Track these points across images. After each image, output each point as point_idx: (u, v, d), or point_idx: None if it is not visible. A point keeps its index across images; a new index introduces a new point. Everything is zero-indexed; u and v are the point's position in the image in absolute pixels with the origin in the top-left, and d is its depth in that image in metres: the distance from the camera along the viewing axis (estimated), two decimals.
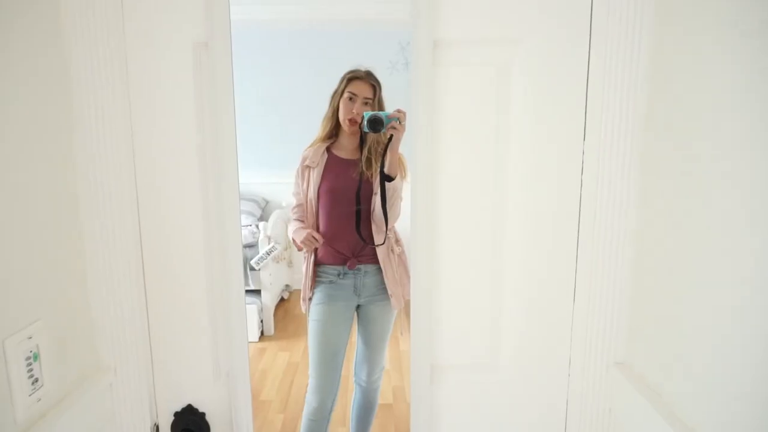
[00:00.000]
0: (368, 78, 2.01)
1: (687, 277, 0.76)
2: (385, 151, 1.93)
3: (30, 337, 0.76)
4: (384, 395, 3.11)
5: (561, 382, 0.99)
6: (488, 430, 1.03)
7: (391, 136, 1.88)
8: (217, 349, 0.98)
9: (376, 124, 1.87)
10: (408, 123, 1.88)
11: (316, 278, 2.07)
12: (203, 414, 0.99)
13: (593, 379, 0.96)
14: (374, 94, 2.01)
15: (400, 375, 3.41)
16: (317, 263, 2.07)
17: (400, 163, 2.03)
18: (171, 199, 0.93)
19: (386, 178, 1.95)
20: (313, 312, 2.06)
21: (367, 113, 1.89)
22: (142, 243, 0.94)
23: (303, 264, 2.10)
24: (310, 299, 2.07)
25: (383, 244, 2.03)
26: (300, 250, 2.08)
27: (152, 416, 0.99)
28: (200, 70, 0.87)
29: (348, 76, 2.02)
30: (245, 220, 4.23)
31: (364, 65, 2.04)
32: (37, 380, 0.77)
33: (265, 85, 4.71)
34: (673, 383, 0.80)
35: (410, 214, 0.93)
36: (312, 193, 2.04)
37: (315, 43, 4.65)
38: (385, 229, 2.02)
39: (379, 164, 1.97)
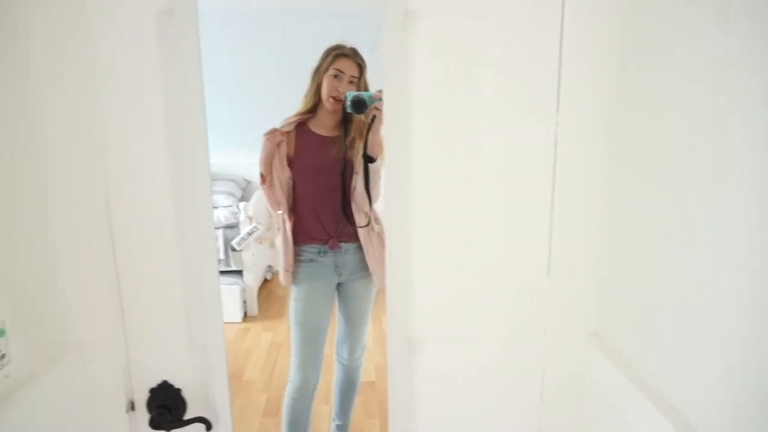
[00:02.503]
0: (355, 56, 1.97)
1: (661, 248, 0.77)
2: (367, 132, 1.91)
3: None
4: (367, 373, 3.14)
5: (536, 352, 1.00)
6: (466, 400, 1.04)
7: (374, 117, 1.87)
8: (192, 324, 0.97)
9: (359, 105, 1.85)
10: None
11: (296, 257, 2.06)
12: (179, 390, 0.98)
13: (568, 348, 0.98)
14: (360, 73, 1.97)
15: (382, 352, 3.43)
16: (296, 243, 2.05)
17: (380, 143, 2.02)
18: (140, 173, 0.91)
19: (368, 159, 1.94)
20: (294, 291, 2.06)
21: (351, 93, 1.87)
22: (111, 218, 0.92)
23: (277, 236, 2.08)
24: (294, 270, 2.06)
25: (367, 225, 2.03)
26: (266, 178, 2.01)
27: (127, 393, 0.98)
28: (165, 41, 0.85)
29: (334, 52, 1.96)
30: (226, 200, 4.19)
31: (348, 42, 2.00)
32: (3, 356, 0.75)
33: (245, 64, 4.63)
34: (644, 353, 0.82)
35: (384, 186, 0.93)
36: (279, 165, 1.99)
37: (293, 21, 4.57)
38: (367, 209, 2.01)
39: (361, 145, 1.95)
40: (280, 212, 2.06)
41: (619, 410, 0.86)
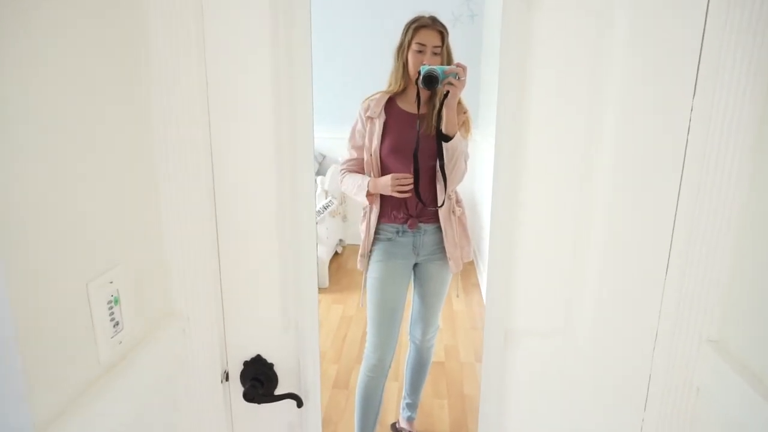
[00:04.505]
0: (435, 24, 1.87)
1: None
2: (439, 108, 1.81)
3: (111, 282, 0.76)
4: (437, 353, 3.12)
5: (645, 356, 0.93)
6: (560, 399, 0.99)
7: (447, 92, 1.77)
8: (287, 301, 0.97)
9: (431, 80, 1.74)
10: (473, 77, 1.78)
11: (375, 235, 2.04)
12: (272, 365, 1.00)
13: (682, 355, 0.90)
14: (443, 42, 1.87)
15: (452, 334, 3.41)
16: (377, 222, 2.02)
17: (465, 120, 1.94)
18: (245, 149, 0.90)
19: (443, 137, 1.86)
20: (371, 269, 2.04)
21: (423, 68, 1.77)
22: (215, 193, 0.92)
23: (362, 221, 2.07)
24: (369, 256, 2.05)
25: (441, 206, 1.97)
26: (371, 203, 2.00)
27: (222, 364, 1.00)
28: (277, 17, 0.83)
29: (413, 25, 1.88)
30: None
31: (427, 11, 1.92)
32: (117, 323, 0.78)
33: (322, 37, 4.63)
34: None
35: (493, 168, 0.88)
36: (375, 145, 1.95)
37: None
38: (441, 190, 1.95)
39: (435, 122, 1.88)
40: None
41: (740, 422, 0.78)
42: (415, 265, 2.10)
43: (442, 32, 1.88)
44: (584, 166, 0.87)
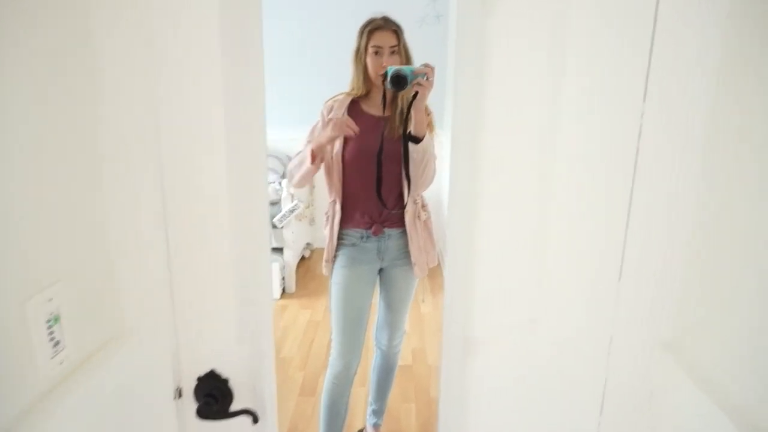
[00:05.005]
0: (388, 25, 1.86)
1: (748, 258, 0.70)
2: (408, 109, 1.79)
3: (51, 299, 0.73)
4: (404, 357, 3.13)
5: (600, 361, 0.94)
6: (520, 406, 0.99)
7: (416, 93, 1.76)
8: (242, 313, 0.95)
9: (400, 81, 1.72)
10: (440, 78, 1.77)
11: (339, 240, 2.02)
12: (226, 380, 0.97)
13: (636, 359, 0.91)
14: (398, 40, 1.86)
15: (419, 337, 3.41)
16: (340, 227, 2.00)
17: (429, 122, 1.93)
18: (196, 159, 0.87)
19: (412, 139, 1.85)
20: (336, 275, 2.02)
21: (391, 68, 1.74)
22: (165, 204, 0.89)
23: (325, 226, 2.04)
24: (333, 260, 2.03)
25: (403, 209, 1.95)
26: (316, 158, 1.88)
27: (175, 380, 0.97)
28: (226, 16, 0.81)
29: (367, 29, 1.87)
30: (268, 177, 4.20)
31: (380, 12, 1.90)
32: (58, 343, 0.74)
33: (286, 39, 4.59)
34: (725, 369, 0.75)
35: (449, 177, 0.87)
36: (337, 149, 1.92)
37: None
38: (405, 193, 1.91)
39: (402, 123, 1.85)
40: (331, 200, 2.01)
41: (692, 427, 0.80)
42: (380, 270, 2.09)
43: (396, 31, 1.87)
44: (539, 171, 0.87)
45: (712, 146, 0.79)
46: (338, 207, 1.98)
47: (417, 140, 1.84)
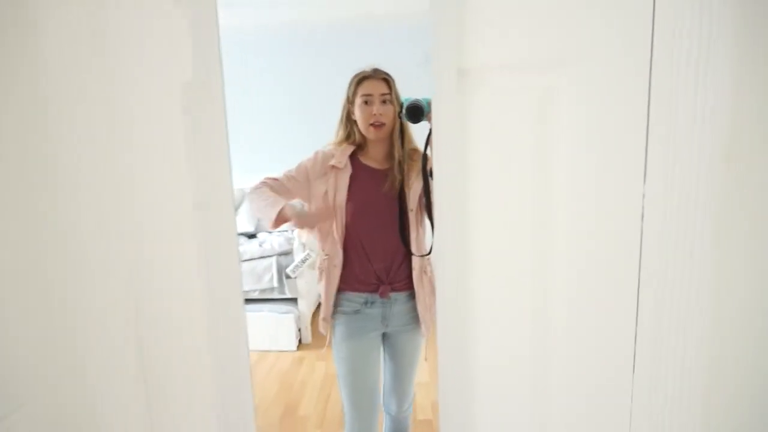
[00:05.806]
0: (377, 74, 1.81)
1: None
2: (426, 143, 1.65)
3: None
4: (423, 410, 3.01)
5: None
6: None
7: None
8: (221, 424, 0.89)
9: (416, 112, 1.64)
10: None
11: (337, 307, 1.90)
12: None
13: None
14: (390, 88, 1.80)
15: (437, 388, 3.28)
16: (340, 290, 1.88)
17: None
18: (168, 249, 0.83)
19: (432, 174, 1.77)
20: (339, 349, 1.91)
21: (406, 99, 1.67)
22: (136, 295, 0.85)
23: (319, 280, 1.90)
24: (332, 322, 1.92)
25: (429, 254, 1.85)
26: (280, 222, 1.76)
27: None
28: (190, 113, 0.77)
29: (356, 79, 1.82)
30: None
31: (369, 65, 1.85)
32: None
33: (288, 89, 4.68)
34: None
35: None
36: (340, 199, 1.81)
37: (337, 42, 4.55)
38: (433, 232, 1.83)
39: (410, 170, 1.79)
40: (325, 255, 1.88)
41: None
42: (384, 335, 1.96)
43: (386, 80, 1.81)
44: (532, 255, 0.81)
45: (718, 230, 0.72)
46: (338, 262, 1.85)
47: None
